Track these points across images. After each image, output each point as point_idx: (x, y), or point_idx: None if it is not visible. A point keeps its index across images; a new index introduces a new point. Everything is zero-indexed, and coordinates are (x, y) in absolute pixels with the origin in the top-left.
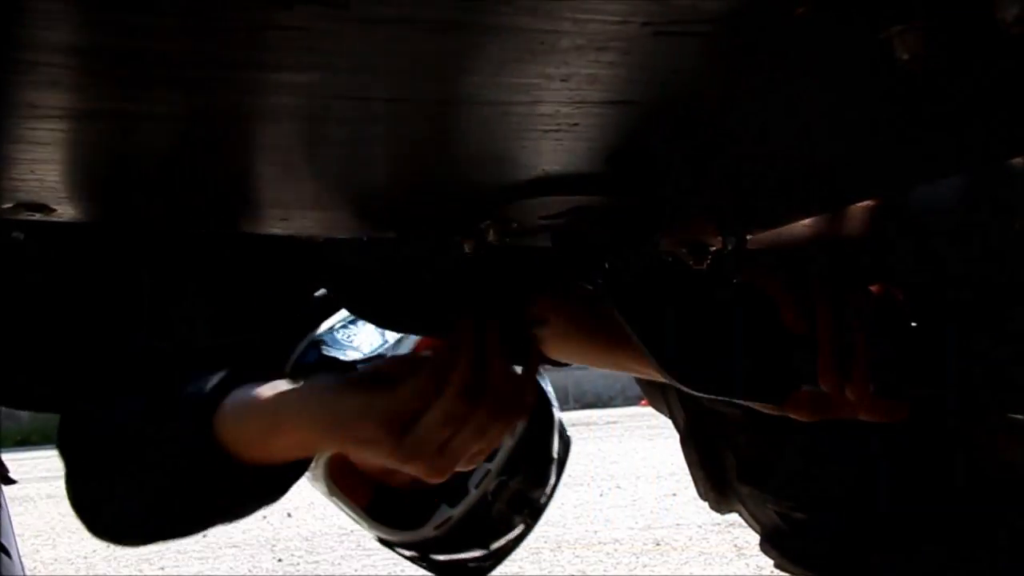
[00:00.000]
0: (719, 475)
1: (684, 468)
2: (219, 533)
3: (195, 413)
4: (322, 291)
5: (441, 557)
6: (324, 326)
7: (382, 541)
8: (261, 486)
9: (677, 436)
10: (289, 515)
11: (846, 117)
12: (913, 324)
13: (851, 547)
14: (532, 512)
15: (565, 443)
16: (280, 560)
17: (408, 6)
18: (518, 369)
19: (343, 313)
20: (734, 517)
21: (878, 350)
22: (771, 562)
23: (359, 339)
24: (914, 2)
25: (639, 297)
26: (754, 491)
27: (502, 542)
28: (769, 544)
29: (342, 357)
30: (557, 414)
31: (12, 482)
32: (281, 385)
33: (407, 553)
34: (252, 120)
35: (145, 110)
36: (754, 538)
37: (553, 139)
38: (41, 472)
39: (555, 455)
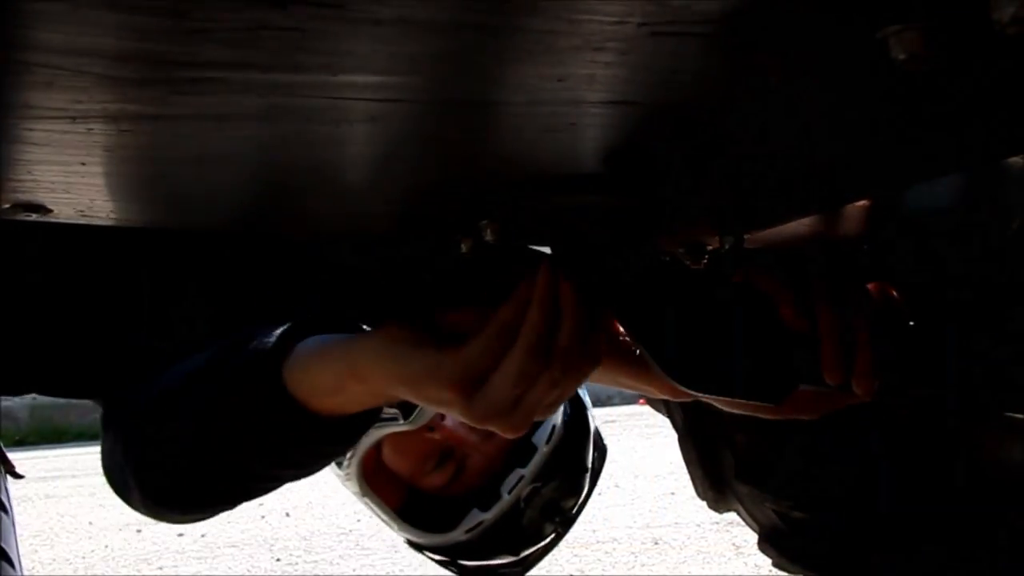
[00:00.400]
0: (717, 474)
1: (682, 467)
2: (217, 533)
3: (263, 363)
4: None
5: (470, 562)
6: None
7: (411, 544)
8: (333, 435)
9: (675, 435)
10: (287, 515)
11: (844, 117)
12: (912, 324)
13: (850, 547)
14: (563, 521)
15: (600, 453)
16: (278, 560)
17: (404, 6)
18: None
19: None
20: (732, 516)
21: (878, 349)
22: (769, 561)
23: None
24: (911, 2)
25: (638, 297)
26: (752, 490)
27: (532, 550)
28: (767, 543)
29: None
30: (593, 423)
31: (20, 476)
32: (352, 336)
33: (436, 557)
34: (247, 121)
35: (140, 111)
36: (752, 537)
37: (550, 139)
38: (39, 472)
39: (589, 464)
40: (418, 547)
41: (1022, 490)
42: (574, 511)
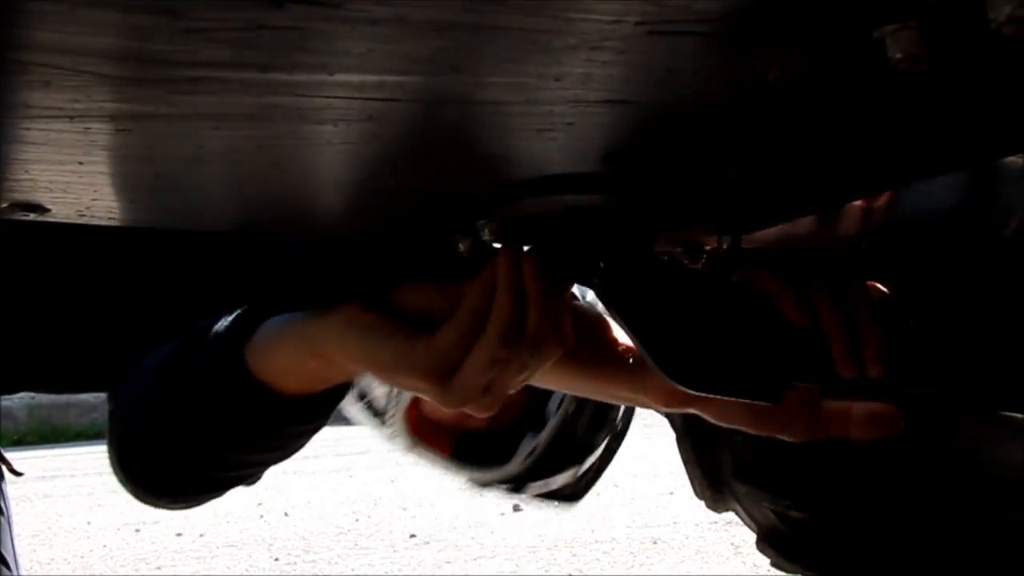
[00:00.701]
0: (715, 473)
1: (681, 466)
2: (216, 533)
3: (225, 347)
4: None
5: (536, 485)
6: None
7: (475, 483)
8: (301, 415)
9: (673, 434)
10: (286, 514)
11: (842, 117)
12: (912, 323)
13: (849, 546)
14: (613, 434)
15: None
16: (277, 559)
17: (401, 6)
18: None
19: None
20: (731, 515)
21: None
22: (768, 560)
23: None
24: (907, 1)
25: (636, 297)
26: (751, 489)
27: (591, 461)
28: (766, 543)
29: None
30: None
31: (19, 474)
32: (310, 314)
33: (504, 487)
34: (244, 120)
35: (138, 111)
36: (751, 536)
37: (547, 138)
38: (38, 472)
39: None
40: (484, 484)
41: (1022, 490)
42: (619, 422)
